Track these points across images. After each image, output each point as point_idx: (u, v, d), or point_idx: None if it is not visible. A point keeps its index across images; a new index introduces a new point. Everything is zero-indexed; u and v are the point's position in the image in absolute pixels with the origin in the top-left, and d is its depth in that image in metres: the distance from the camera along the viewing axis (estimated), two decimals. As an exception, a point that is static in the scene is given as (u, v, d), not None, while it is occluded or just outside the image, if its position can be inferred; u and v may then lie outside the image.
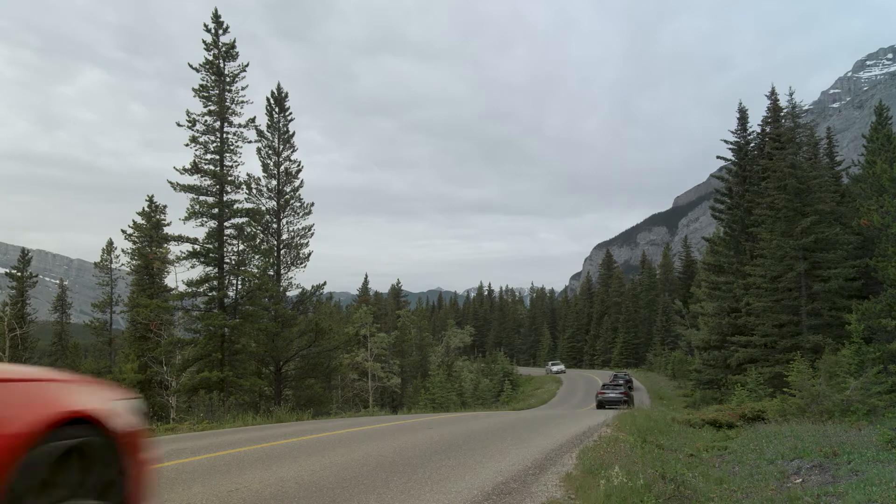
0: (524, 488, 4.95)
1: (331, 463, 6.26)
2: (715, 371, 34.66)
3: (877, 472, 5.54)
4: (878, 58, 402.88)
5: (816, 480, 5.74)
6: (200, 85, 26.09)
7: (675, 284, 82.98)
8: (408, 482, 5.12)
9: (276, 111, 31.70)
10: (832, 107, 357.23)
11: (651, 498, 4.46)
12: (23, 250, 47.08)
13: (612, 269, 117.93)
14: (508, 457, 6.57)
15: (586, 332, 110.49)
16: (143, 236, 37.07)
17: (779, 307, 28.57)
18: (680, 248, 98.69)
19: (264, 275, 27.81)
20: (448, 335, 75.07)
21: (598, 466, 5.53)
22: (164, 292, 34.09)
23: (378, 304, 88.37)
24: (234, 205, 26.30)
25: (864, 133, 32.37)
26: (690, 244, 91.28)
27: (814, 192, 28.32)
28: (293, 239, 31.41)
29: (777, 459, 6.92)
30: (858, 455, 6.57)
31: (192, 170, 25.60)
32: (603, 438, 8.00)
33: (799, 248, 27.74)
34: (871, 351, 18.03)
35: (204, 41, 26.19)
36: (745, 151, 35.82)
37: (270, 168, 31.21)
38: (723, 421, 11.53)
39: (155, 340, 28.40)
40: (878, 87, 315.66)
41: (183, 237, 25.62)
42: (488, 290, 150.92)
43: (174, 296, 26.78)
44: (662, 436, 8.84)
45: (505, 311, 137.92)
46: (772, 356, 28.03)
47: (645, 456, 6.52)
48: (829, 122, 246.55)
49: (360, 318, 49.28)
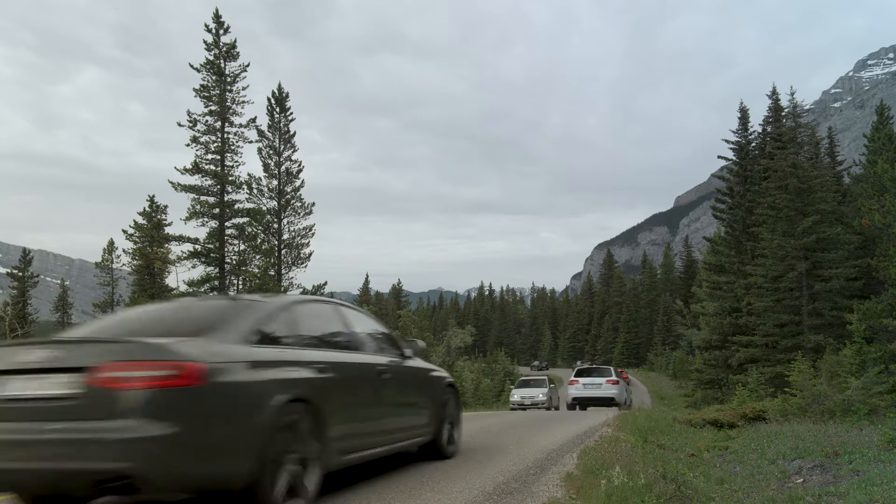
0: (525, 488, 4.96)
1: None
2: (716, 371, 34.67)
3: (878, 472, 5.54)
4: (880, 57, 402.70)
5: (818, 480, 5.74)
6: (201, 85, 26.16)
7: (676, 284, 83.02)
8: (408, 481, 5.12)
9: (277, 111, 31.75)
10: (833, 106, 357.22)
11: (652, 498, 4.46)
12: (24, 250, 47.15)
13: (613, 268, 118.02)
14: (509, 456, 6.57)
15: (587, 332, 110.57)
16: (144, 236, 37.08)
17: (780, 307, 28.56)
18: (681, 247, 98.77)
19: (265, 275, 27.83)
20: (449, 335, 74.97)
21: (598, 466, 5.53)
22: (166, 292, 34.10)
23: (379, 304, 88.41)
24: (235, 205, 26.35)
25: (866, 133, 32.35)
26: (691, 244, 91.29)
27: (815, 191, 28.31)
28: (294, 239, 31.46)
29: (778, 459, 6.92)
30: (860, 455, 6.57)
31: (192, 170, 25.65)
32: (604, 438, 8.00)
33: (800, 248, 27.73)
34: (872, 351, 18.02)
35: (205, 41, 26.25)
36: (747, 151, 35.82)
37: (271, 168, 31.25)
38: (724, 421, 11.52)
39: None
40: (880, 86, 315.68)
41: (184, 237, 25.70)
42: (489, 290, 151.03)
43: (175, 296, 26.81)
44: (663, 436, 8.84)
45: (506, 311, 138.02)
46: (773, 356, 28.02)
47: (646, 456, 6.52)
48: (831, 121, 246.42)
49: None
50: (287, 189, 31.35)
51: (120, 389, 3.30)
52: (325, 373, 4.49)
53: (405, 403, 5.81)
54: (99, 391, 3.32)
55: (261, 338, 4.15)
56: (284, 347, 4.36)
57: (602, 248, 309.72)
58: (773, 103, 34.29)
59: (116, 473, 3.22)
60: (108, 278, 44.82)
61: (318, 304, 5.48)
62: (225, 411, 3.58)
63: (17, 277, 44.36)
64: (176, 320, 4.39)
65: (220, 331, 3.95)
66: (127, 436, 3.22)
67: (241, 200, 26.93)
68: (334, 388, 4.57)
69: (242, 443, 3.63)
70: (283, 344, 4.38)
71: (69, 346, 3.66)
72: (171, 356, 3.41)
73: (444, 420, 6.36)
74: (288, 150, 31.63)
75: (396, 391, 5.62)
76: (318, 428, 4.24)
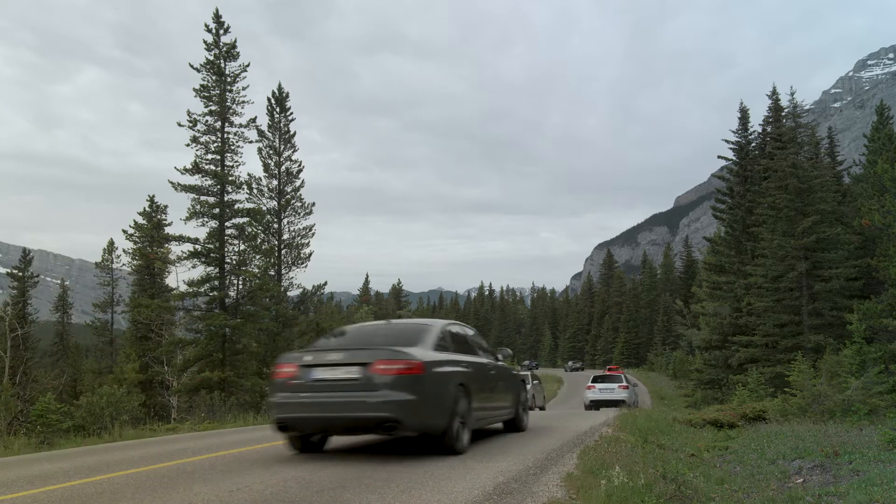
0: (525, 488, 4.96)
1: (330, 463, 6.27)
2: (716, 371, 34.67)
3: (878, 472, 5.54)
4: (880, 57, 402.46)
5: (818, 480, 5.74)
6: (201, 85, 26.11)
7: (676, 284, 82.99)
8: (408, 482, 5.12)
9: (277, 111, 31.74)
10: (833, 106, 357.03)
11: (652, 498, 4.46)
12: (24, 250, 47.11)
13: (613, 268, 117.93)
14: (509, 456, 6.57)
15: (587, 332, 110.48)
16: (144, 236, 37.09)
17: (780, 307, 28.56)
18: (681, 247, 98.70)
19: (265, 275, 27.83)
20: (449, 335, 74.88)
21: (599, 466, 5.53)
22: (165, 292, 34.11)
23: (379, 304, 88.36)
24: (235, 205, 26.31)
25: (866, 133, 32.35)
26: (691, 244, 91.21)
27: (815, 191, 28.31)
28: (294, 239, 31.45)
29: (778, 459, 6.92)
30: (860, 455, 6.57)
31: (192, 170, 25.61)
32: (604, 438, 8.00)
33: (800, 248, 27.72)
34: (872, 351, 18.04)
35: (205, 41, 26.20)
36: (747, 151, 35.81)
37: (271, 168, 31.25)
38: (724, 421, 11.52)
39: (156, 340, 28.42)
40: (880, 86, 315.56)
41: (184, 237, 25.63)
42: (489, 290, 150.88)
43: (175, 296, 26.79)
44: (663, 436, 8.84)
45: (506, 311, 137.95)
46: (773, 356, 28.02)
47: (646, 456, 6.52)
48: (831, 121, 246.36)
49: (361, 318, 49.33)
50: (287, 189, 31.34)
51: (383, 374, 6.07)
52: (468, 368, 7.31)
53: (502, 391, 8.41)
54: (372, 375, 6.11)
55: (439, 347, 6.99)
56: (450, 353, 7.14)
57: (602, 248, 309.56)
58: (773, 103, 34.29)
59: (386, 420, 6.04)
60: (108, 278, 44.81)
61: (456, 325, 8.16)
62: (433, 389, 6.35)
63: (17, 277, 44.32)
64: (394, 335, 7.18)
65: (421, 342, 6.80)
66: (390, 399, 5.99)
67: (241, 200, 26.88)
68: (474, 379, 7.30)
69: (441, 407, 6.39)
70: (448, 350, 7.16)
71: (352, 352, 6.55)
72: (408, 357, 6.20)
73: (519, 404, 9.11)
74: (288, 150, 31.63)
75: (498, 382, 8.28)
76: (469, 402, 6.92)
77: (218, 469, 6.18)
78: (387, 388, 6.02)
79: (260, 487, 5.05)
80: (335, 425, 6.49)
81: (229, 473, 5.84)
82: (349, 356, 6.41)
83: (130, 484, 5.45)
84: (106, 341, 44.81)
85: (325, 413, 6.28)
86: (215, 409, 18.31)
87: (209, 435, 10.88)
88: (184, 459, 7.01)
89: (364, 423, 6.26)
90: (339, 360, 6.36)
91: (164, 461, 6.91)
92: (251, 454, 7.30)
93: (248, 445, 8.26)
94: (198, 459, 6.95)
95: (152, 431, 12.95)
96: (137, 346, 32.23)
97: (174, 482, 5.45)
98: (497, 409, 8.12)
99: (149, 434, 12.26)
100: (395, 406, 5.97)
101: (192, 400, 23.00)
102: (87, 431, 15.14)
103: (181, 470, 6.19)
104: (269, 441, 8.63)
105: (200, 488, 5.10)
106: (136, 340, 33.19)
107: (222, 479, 5.50)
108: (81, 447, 10.11)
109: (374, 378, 6.07)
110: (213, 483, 5.34)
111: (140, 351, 31.23)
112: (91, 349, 48.86)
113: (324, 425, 6.54)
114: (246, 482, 5.30)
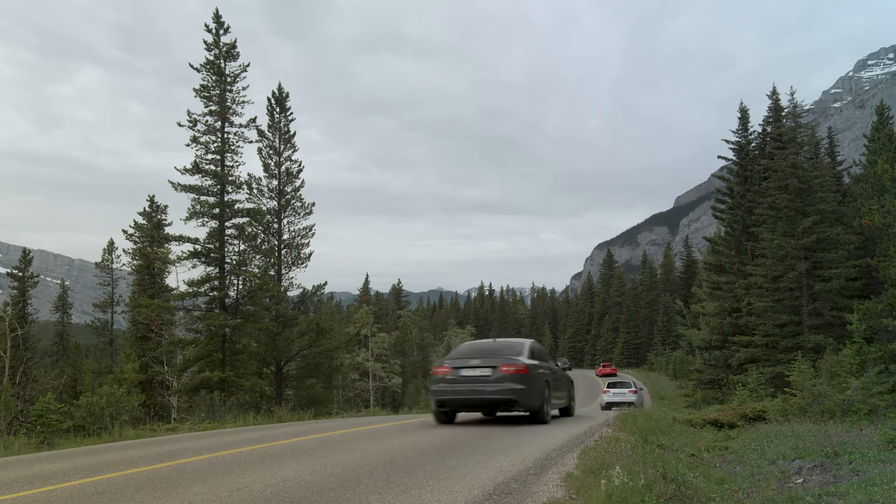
0: (525, 488, 4.96)
1: (332, 463, 6.27)
2: (716, 371, 34.67)
3: (878, 472, 5.53)
4: (880, 57, 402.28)
5: (818, 480, 5.74)
6: (201, 85, 26.10)
7: (676, 284, 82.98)
8: (409, 482, 5.12)
9: (277, 111, 31.71)
10: (833, 106, 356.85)
11: (652, 498, 4.46)
12: (24, 250, 47.09)
13: (613, 268, 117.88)
14: (509, 456, 6.57)
15: (587, 332, 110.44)
16: (144, 236, 37.07)
17: (780, 307, 28.55)
18: (681, 247, 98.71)
19: (265, 275, 27.81)
20: (449, 335, 75.10)
21: (599, 466, 5.53)
22: (166, 292, 34.11)
23: (379, 303, 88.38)
24: (235, 205, 26.30)
25: (866, 133, 32.34)
26: (691, 244, 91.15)
27: (815, 191, 28.30)
28: (294, 239, 31.42)
29: (778, 459, 6.91)
30: (860, 455, 6.56)
31: (192, 170, 25.60)
32: (604, 438, 8.00)
33: (800, 248, 27.72)
34: (872, 351, 18.03)
35: (205, 41, 26.19)
36: (747, 151, 35.80)
37: (271, 168, 31.22)
38: (724, 421, 11.52)
39: (156, 340, 28.41)
40: (880, 86, 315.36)
41: (184, 237, 25.62)
42: (489, 290, 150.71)
43: (175, 296, 26.78)
44: (663, 436, 8.84)
45: (506, 311, 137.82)
46: (773, 356, 28.02)
47: (646, 456, 6.52)
48: (831, 121, 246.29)
49: (361, 317, 49.30)
50: (287, 189, 31.32)
51: (506, 373, 10.06)
52: (548, 370, 11.13)
53: (561, 386, 12.26)
54: (500, 373, 10.09)
55: (531, 356, 10.81)
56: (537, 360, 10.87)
57: (602, 248, 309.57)
58: (773, 103, 34.28)
59: (508, 400, 10.02)
60: (108, 278, 44.78)
61: (536, 343, 11.70)
62: (534, 382, 10.24)
63: (17, 277, 44.31)
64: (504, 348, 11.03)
65: (522, 353, 10.70)
66: (511, 387, 9.97)
67: (241, 200, 26.88)
68: (552, 378, 11.28)
69: (539, 394, 10.34)
70: (535, 359, 10.84)
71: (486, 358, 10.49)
72: (520, 363, 10.22)
73: (571, 398, 13.22)
74: (288, 150, 31.60)
75: (559, 380, 12.17)
76: (550, 393, 10.86)
77: (218, 469, 6.17)
78: (508, 381, 9.91)
79: (260, 487, 5.04)
80: (475, 403, 10.34)
81: (229, 473, 5.84)
82: (484, 361, 10.33)
83: (130, 484, 5.45)
84: (106, 341, 44.77)
85: (469, 396, 10.14)
86: (215, 409, 18.31)
87: (209, 435, 10.88)
88: (184, 459, 7.01)
89: (494, 402, 10.12)
90: (477, 364, 10.29)
91: (164, 461, 6.91)
92: (251, 454, 7.30)
93: (249, 445, 8.26)
94: (198, 459, 6.95)
95: (152, 431, 12.95)
96: (137, 346, 32.20)
97: (174, 482, 5.45)
98: (560, 399, 12.17)
99: (149, 434, 12.26)
100: (514, 392, 9.88)
101: (192, 400, 23.00)
102: (87, 431, 15.15)
103: (181, 470, 6.19)
104: (269, 441, 8.63)
105: (200, 488, 5.10)
106: (136, 340, 33.16)
107: (222, 479, 5.50)
108: (81, 447, 10.11)
109: (500, 375, 9.99)
110: (212, 483, 5.34)
111: (140, 351, 31.21)
112: (91, 349, 48.81)
113: (467, 404, 10.41)
114: (246, 482, 5.30)
